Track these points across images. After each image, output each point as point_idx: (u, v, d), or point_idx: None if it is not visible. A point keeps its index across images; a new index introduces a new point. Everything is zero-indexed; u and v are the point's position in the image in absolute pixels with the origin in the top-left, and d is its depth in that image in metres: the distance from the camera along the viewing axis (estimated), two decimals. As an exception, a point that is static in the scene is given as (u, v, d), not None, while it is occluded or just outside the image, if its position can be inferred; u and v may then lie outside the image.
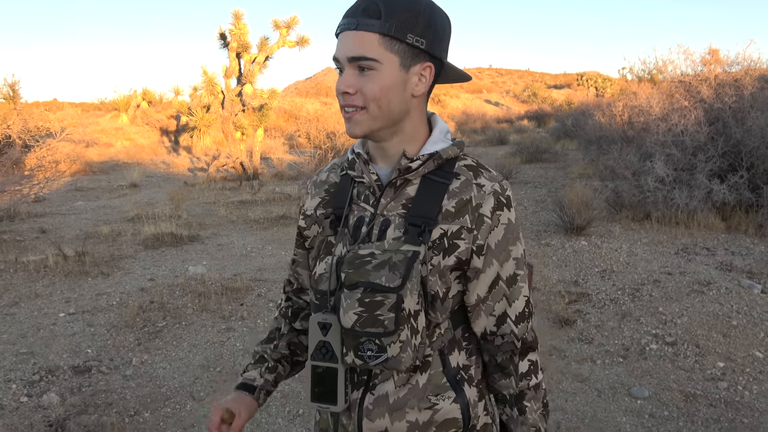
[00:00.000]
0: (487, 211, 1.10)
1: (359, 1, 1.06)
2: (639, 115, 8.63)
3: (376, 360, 1.03)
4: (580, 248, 5.90)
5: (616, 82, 27.67)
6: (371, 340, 1.02)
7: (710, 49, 8.73)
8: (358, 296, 1.01)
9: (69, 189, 11.13)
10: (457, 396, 1.13)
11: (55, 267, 5.71)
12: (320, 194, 1.21)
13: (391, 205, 1.11)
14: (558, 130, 16.82)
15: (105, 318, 4.54)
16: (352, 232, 1.13)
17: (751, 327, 3.96)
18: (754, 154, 6.62)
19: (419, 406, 1.11)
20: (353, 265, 1.03)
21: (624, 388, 3.39)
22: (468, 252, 1.10)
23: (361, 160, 1.14)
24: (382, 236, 1.10)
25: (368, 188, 1.14)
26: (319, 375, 1.10)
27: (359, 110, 1.07)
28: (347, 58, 1.05)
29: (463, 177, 1.12)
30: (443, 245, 1.09)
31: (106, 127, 19.04)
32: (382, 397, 1.11)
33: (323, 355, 1.08)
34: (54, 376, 3.61)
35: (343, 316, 1.02)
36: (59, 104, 32.10)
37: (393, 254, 1.04)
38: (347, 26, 1.05)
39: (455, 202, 1.10)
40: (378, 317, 1.01)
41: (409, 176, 1.11)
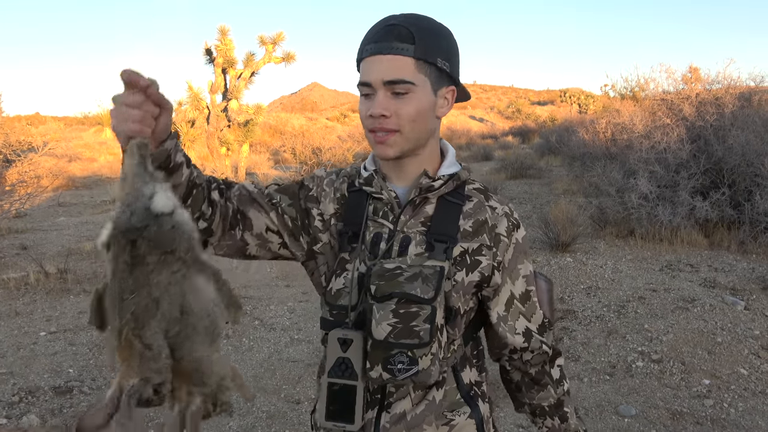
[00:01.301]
0: (503, 230, 1.16)
1: (388, 26, 1.07)
2: (622, 132, 8.73)
3: (406, 373, 1.03)
4: (565, 265, 5.93)
5: (599, 99, 28.01)
6: (403, 353, 1.02)
7: (691, 68, 8.88)
8: (392, 307, 1.02)
9: (51, 204, 11.01)
10: (472, 411, 1.15)
11: (36, 284, 5.62)
12: (335, 202, 1.19)
13: (411, 222, 1.13)
14: (542, 147, 16.97)
15: (87, 337, 4.46)
16: (370, 248, 1.13)
17: (736, 344, 3.99)
18: (736, 172, 6.72)
19: (437, 423, 1.12)
20: (383, 278, 1.04)
21: (611, 407, 3.39)
22: (490, 268, 1.14)
23: (379, 177, 1.16)
24: (404, 252, 1.11)
25: (386, 205, 1.15)
26: (336, 392, 1.07)
27: (393, 133, 1.09)
28: (383, 82, 1.07)
29: (475, 199, 1.17)
30: (465, 262, 1.13)
31: (90, 142, 18.91)
32: (398, 415, 1.11)
33: (342, 371, 1.07)
34: (34, 397, 3.54)
35: (375, 328, 1.02)
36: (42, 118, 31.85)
37: (423, 268, 1.05)
38: (379, 50, 1.07)
39: (472, 222, 1.15)
40: (413, 328, 1.01)
41: (429, 195, 1.14)
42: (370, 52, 1.07)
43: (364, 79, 1.09)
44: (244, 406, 3.48)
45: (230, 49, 11.72)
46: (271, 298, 5.31)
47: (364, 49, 1.09)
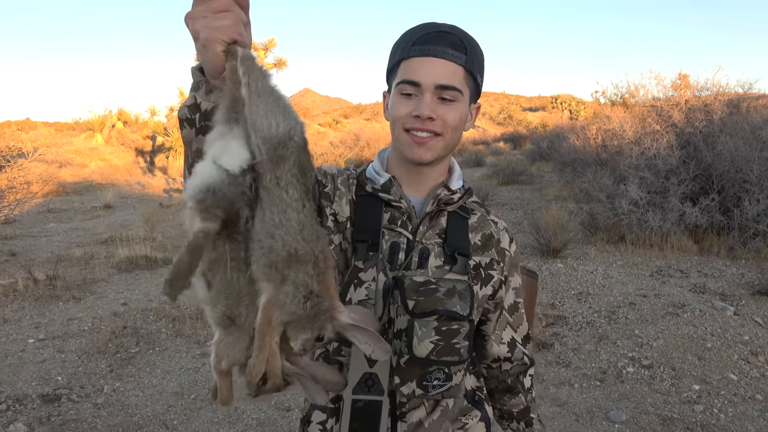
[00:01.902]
0: (506, 245, 1.21)
1: (440, 32, 1.07)
2: (612, 139, 8.77)
3: (439, 389, 1.02)
4: (556, 271, 5.94)
5: (590, 105, 28.17)
6: (441, 369, 1.00)
7: (680, 75, 8.94)
8: (435, 324, 0.99)
9: (41, 210, 10.93)
10: (482, 414, 1.19)
11: (24, 291, 5.58)
12: (350, 205, 1.14)
13: (429, 233, 1.13)
14: (533, 153, 17.01)
15: (76, 344, 4.43)
16: (388, 257, 1.10)
17: (725, 349, 4.01)
18: (725, 178, 6.76)
19: (453, 428, 1.14)
20: (421, 293, 1.02)
21: (602, 412, 3.40)
22: (499, 282, 1.18)
23: (397, 184, 1.14)
24: (423, 264, 1.11)
25: (404, 214, 1.13)
26: (360, 409, 1.04)
27: (436, 137, 1.09)
28: (436, 85, 1.06)
29: (478, 213, 1.20)
30: (480, 275, 1.15)
31: (80, 148, 18.80)
32: (415, 424, 1.12)
33: (368, 387, 1.04)
34: (22, 405, 3.51)
35: (418, 346, 0.98)
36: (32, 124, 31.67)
37: (455, 283, 1.03)
38: (434, 53, 1.06)
39: (480, 236, 1.17)
40: (454, 345, 1.00)
41: (447, 208, 1.14)
42: (420, 52, 1.06)
43: (412, 78, 1.06)
44: (234, 413, 3.46)
45: (222, 55, 11.71)
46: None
47: (409, 48, 1.07)
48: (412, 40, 1.07)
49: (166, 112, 18.24)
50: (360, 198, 1.14)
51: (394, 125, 1.10)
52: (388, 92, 1.15)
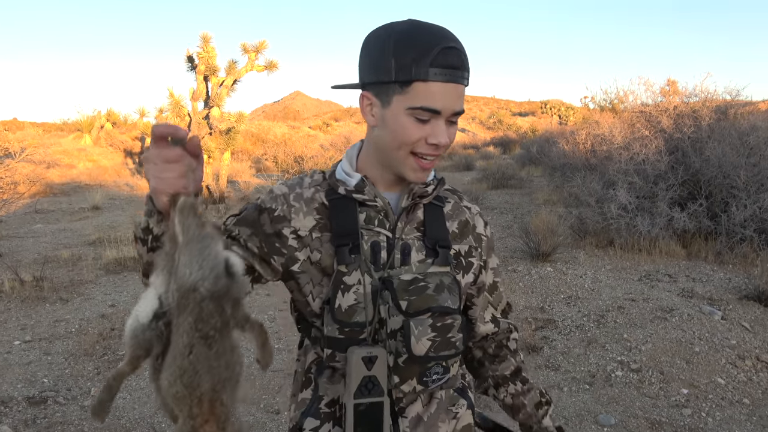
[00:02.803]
0: (482, 229, 1.22)
1: (455, 50, 1.01)
2: (602, 144, 8.83)
3: (439, 382, 1.06)
4: (545, 274, 5.96)
5: (579, 110, 28.34)
6: (439, 364, 1.04)
7: (669, 81, 9.01)
8: (430, 322, 1.01)
9: (28, 211, 10.84)
10: (467, 402, 1.20)
11: (11, 292, 5.52)
12: (312, 214, 1.11)
13: (408, 228, 1.12)
14: (523, 157, 17.09)
15: (63, 346, 4.39)
16: (370, 258, 1.08)
17: (713, 353, 4.03)
18: (712, 183, 6.82)
19: (447, 419, 1.16)
20: (412, 292, 1.03)
21: (591, 416, 3.41)
22: (479, 268, 1.21)
23: (370, 183, 1.12)
24: (406, 260, 1.10)
25: (380, 212, 1.11)
26: (362, 413, 1.03)
27: (437, 158, 1.09)
28: (454, 113, 1.05)
29: (451, 200, 1.20)
30: (462, 264, 1.17)
31: (69, 148, 18.68)
32: (415, 418, 1.12)
33: (369, 390, 1.03)
34: (7, 408, 3.47)
35: (416, 345, 1.00)
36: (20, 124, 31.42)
37: (441, 277, 1.06)
38: (455, 79, 1.02)
39: (457, 223, 1.18)
40: (450, 339, 1.03)
41: (422, 201, 1.14)
42: (444, 78, 1.00)
43: (434, 106, 1.01)
44: (223, 416, 3.44)
45: (212, 57, 11.67)
46: (251, 306, 5.27)
47: (429, 70, 0.99)
48: (429, 58, 0.99)
49: (155, 114, 18.14)
50: (333, 201, 1.11)
51: (399, 146, 1.06)
52: (379, 100, 1.07)
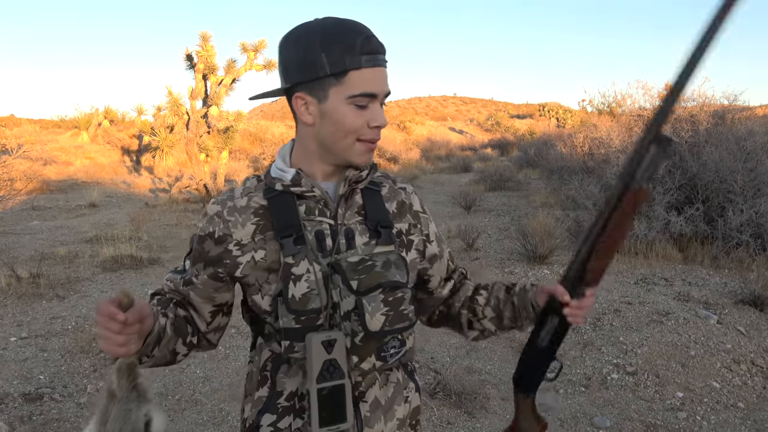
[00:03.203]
0: (418, 207, 1.28)
1: (374, 37, 1.09)
2: (599, 147, 8.85)
3: (397, 356, 1.09)
4: (542, 277, 5.97)
5: (577, 113, 28.40)
6: (395, 337, 1.08)
7: (667, 85, 9.03)
8: (381, 297, 1.05)
9: (24, 208, 10.81)
10: (416, 385, 1.25)
11: (7, 289, 5.51)
12: (251, 220, 1.14)
13: (348, 213, 1.16)
14: (521, 159, 17.12)
15: (59, 343, 4.38)
16: (316, 246, 1.12)
17: (708, 357, 4.05)
18: (709, 188, 6.84)
19: (402, 402, 1.20)
20: (360, 271, 1.06)
21: (586, 418, 3.42)
22: (422, 243, 1.26)
23: (305, 175, 1.16)
24: (351, 244, 1.13)
25: (319, 202, 1.15)
26: (326, 396, 1.06)
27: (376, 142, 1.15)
28: (385, 94, 1.12)
29: (386, 184, 1.26)
30: (404, 242, 1.22)
31: (66, 145, 18.63)
32: (374, 402, 1.16)
33: (330, 374, 1.06)
34: (3, 404, 3.46)
35: (371, 321, 1.04)
36: (17, 120, 31.33)
37: (387, 255, 1.11)
38: (381, 63, 1.10)
39: (395, 204, 1.24)
40: (403, 312, 1.07)
41: (358, 186, 1.18)
42: (372, 63, 1.07)
43: (371, 90, 1.08)
44: (219, 415, 3.45)
45: (211, 56, 11.66)
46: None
47: (360, 58, 1.06)
48: (357, 49, 1.05)
49: (153, 112, 18.10)
50: (272, 199, 1.15)
51: (344, 136, 1.10)
52: (314, 97, 1.10)
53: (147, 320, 1.01)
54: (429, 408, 3.50)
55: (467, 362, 4.15)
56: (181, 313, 1.21)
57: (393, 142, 21.30)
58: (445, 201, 11.52)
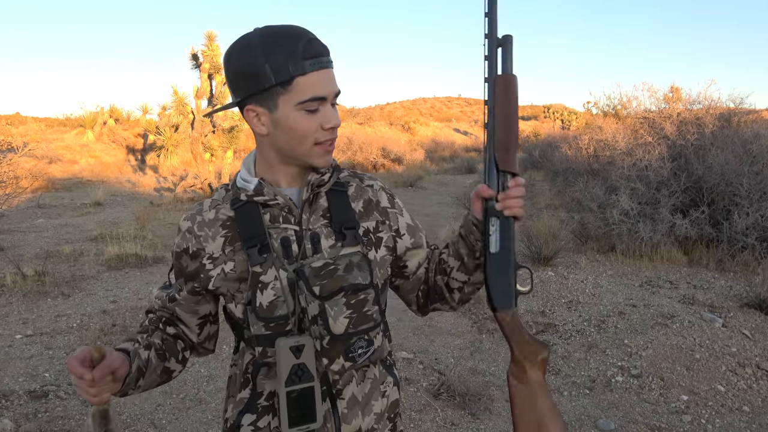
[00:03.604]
0: (386, 203, 1.28)
1: (317, 40, 1.11)
2: (604, 149, 8.83)
3: (365, 356, 1.10)
4: (546, 278, 5.96)
5: (582, 115, 28.32)
6: (362, 338, 1.08)
7: (672, 88, 9.03)
8: (344, 301, 1.06)
9: (30, 206, 10.85)
10: (393, 379, 1.26)
11: (12, 286, 5.53)
12: (219, 233, 1.17)
13: (313, 218, 1.18)
14: (525, 161, 17.08)
15: (64, 341, 4.40)
16: (282, 253, 1.14)
17: (713, 360, 4.04)
18: (715, 191, 6.82)
19: (380, 396, 1.22)
20: (322, 276, 1.07)
21: (590, 421, 3.41)
22: (392, 240, 1.27)
23: (267, 184, 1.17)
24: (317, 248, 1.15)
25: (283, 209, 1.16)
26: (295, 399, 1.09)
27: (333, 142, 1.16)
28: (334, 94, 1.13)
29: (353, 183, 1.26)
30: (371, 240, 1.23)
31: (71, 144, 18.69)
32: (351, 398, 1.18)
33: (299, 377, 1.09)
34: (8, 401, 3.48)
35: (334, 324, 1.05)
36: (22, 118, 31.41)
37: (351, 257, 1.11)
38: (327, 65, 1.11)
39: (361, 202, 1.24)
40: (366, 313, 1.08)
41: (321, 189, 1.19)
42: (317, 66, 1.09)
43: (320, 94, 1.09)
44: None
45: (217, 55, 11.68)
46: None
47: (303, 63, 1.07)
48: (299, 55, 1.07)
49: (158, 111, 18.14)
50: (238, 209, 1.17)
51: (302, 142, 1.12)
52: (264, 108, 1.11)
53: (120, 369, 1.07)
54: (433, 409, 3.50)
55: (471, 363, 4.15)
56: (171, 331, 1.26)
57: (397, 143, 21.29)
58: (449, 202, 11.52)
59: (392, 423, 1.26)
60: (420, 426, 3.33)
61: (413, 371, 4.01)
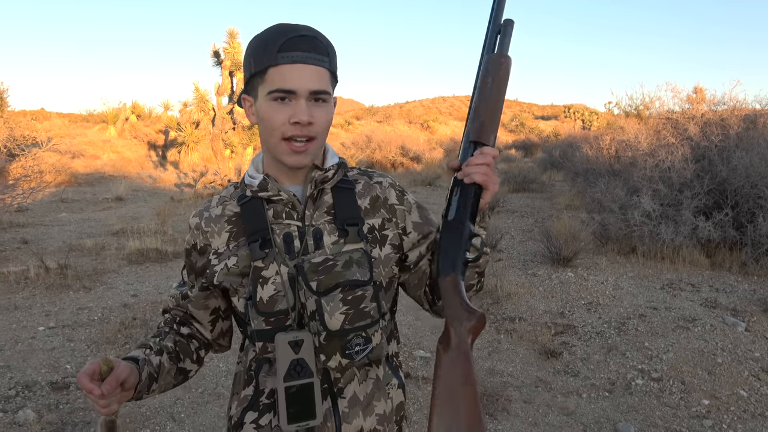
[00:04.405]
0: (394, 200, 1.26)
1: (304, 37, 1.10)
2: (626, 150, 8.73)
3: (363, 353, 1.09)
4: (566, 279, 5.92)
5: (603, 116, 28.06)
6: (359, 335, 1.07)
7: (696, 88, 8.90)
8: (340, 296, 1.06)
9: (53, 200, 11.01)
10: (398, 381, 1.25)
11: (36, 279, 5.61)
12: (225, 228, 1.20)
13: (317, 214, 1.18)
14: (545, 161, 16.98)
15: (86, 333, 4.45)
16: (284, 249, 1.14)
17: (736, 365, 3.98)
18: (739, 193, 6.72)
19: (383, 398, 1.20)
20: (320, 272, 1.08)
21: (610, 424, 3.38)
22: (398, 237, 1.24)
23: (272, 180, 1.18)
24: (320, 244, 1.15)
25: (287, 205, 1.17)
26: (294, 394, 1.10)
27: (311, 141, 1.13)
28: (309, 91, 1.10)
29: (361, 181, 1.25)
30: (376, 238, 1.21)
31: (94, 139, 18.92)
32: (353, 398, 1.17)
33: (297, 373, 1.09)
34: (31, 392, 3.53)
35: (330, 320, 1.06)
36: (46, 114, 31.89)
37: (351, 254, 1.11)
38: (304, 60, 1.10)
39: (368, 200, 1.23)
40: (364, 310, 1.08)
41: (325, 186, 1.19)
42: (290, 60, 1.08)
43: (287, 87, 1.09)
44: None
45: (238, 52, 11.75)
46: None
47: (277, 55, 1.08)
48: (277, 46, 1.08)
49: (179, 107, 18.29)
50: (243, 205, 1.19)
51: (270, 134, 1.12)
52: (250, 96, 1.17)
53: (129, 379, 1.09)
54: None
55: (489, 364, 4.13)
56: (185, 331, 1.28)
57: (416, 142, 21.26)
58: (468, 201, 11.44)
59: (398, 426, 1.25)
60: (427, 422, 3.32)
61: (431, 370, 4.00)
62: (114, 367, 1.06)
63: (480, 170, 1.09)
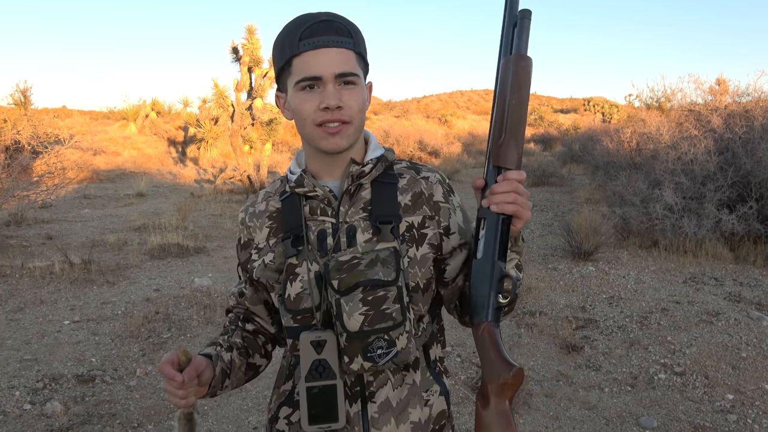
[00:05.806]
0: (440, 197, 1.18)
1: (322, 22, 1.08)
2: (648, 143, 8.64)
3: (386, 357, 1.03)
4: (587, 273, 5.88)
5: (623, 108, 27.73)
6: (380, 337, 1.02)
7: (719, 80, 8.77)
8: (360, 296, 1.02)
9: (76, 196, 11.16)
10: (441, 388, 1.18)
11: (60, 274, 5.70)
12: (266, 224, 1.20)
13: (351, 211, 1.14)
14: (564, 154, 16.86)
15: (110, 327, 4.52)
16: (317, 246, 1.12)
17: (761, 360, 3.93)
18: (764, 186, 6.61)
19: (420, 405, 1.14)
20: (343, 270, 1.04)
21: (632, 418, 3.36)
22: (437, 237, 1.16)
23: (308, 175, 1.15)
24: (352, 242, 1.11)
25: (322, 201, 1.14)
26: (316, 395, 1.07)
27: (345, 124, 1.09)
28: (335, 75, 1.07)
29: (407, 175, 1.19)
30: (414, 236, 1.14)
31: (114, 136, 19.12)
32: (384, 403, 1.12)
33: (320, 374, 1.06)
34: (58, 384, 3.59)
35: (348, 321, 1.01)
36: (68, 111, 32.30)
37: (378, 252, 1.06)
38: (325, 44, 1.06)
39: (410, 196, 1.16)
40: (385, 311, 1.02)
41: (362, 181, 1.14)
42: (311, 46, 1.05)
43: (311, 74, 1.06)
44: (263, 402, 3.50)
45: (257, 48, 11.80)
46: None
47: (298, 44, 1.06)
48: (297, 36, 1.06)
49: (198, 104, 18.43)
50: (284, 201, 1.18)
51: (304, 124, 1.10)
52: (282, 92, 1.15)
53: (205, 372, 1.10)
54: (471, 402, 3.48)
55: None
56: (250, 327, 1.28)
57: (434, 136, 21.20)
58: (486, 195, 11.41)
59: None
60: (458, 419, 3.32)
61: (451, 364, 4.00)
62: (192, 358, 1.07)
63: (507, 199, 1.02)
